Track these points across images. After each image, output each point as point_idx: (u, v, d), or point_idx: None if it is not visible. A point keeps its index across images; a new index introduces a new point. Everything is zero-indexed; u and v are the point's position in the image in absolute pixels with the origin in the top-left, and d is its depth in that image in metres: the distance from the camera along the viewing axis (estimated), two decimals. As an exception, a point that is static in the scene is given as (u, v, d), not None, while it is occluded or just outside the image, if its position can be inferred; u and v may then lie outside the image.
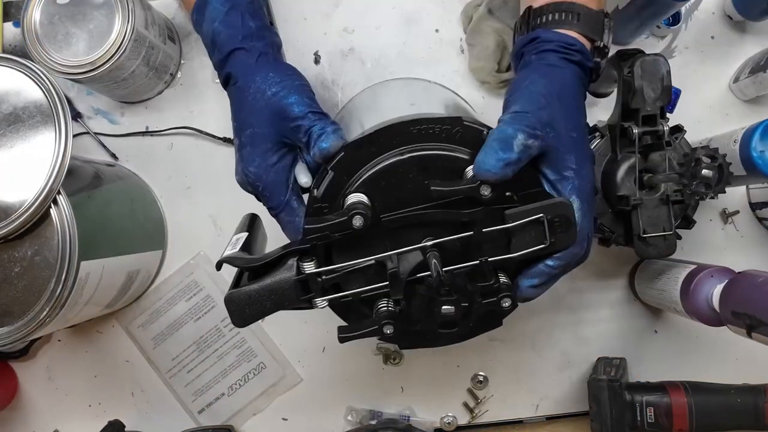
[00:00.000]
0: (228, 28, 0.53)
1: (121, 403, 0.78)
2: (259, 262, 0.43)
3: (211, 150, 0.78)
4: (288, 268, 0.43)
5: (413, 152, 0.44)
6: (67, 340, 0.78)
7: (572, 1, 0.51)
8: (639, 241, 0.59)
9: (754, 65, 0.70)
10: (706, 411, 0.63)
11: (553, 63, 0.49)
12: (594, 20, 0.51)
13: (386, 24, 0.78)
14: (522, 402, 0.76)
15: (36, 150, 0.57)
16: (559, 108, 0.46)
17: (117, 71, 0.68)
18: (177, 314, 0.77)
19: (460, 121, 0.44)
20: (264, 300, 0.43)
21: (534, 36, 0.50)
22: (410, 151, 0.44)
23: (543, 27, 0.51)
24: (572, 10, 0.50)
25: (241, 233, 0.49)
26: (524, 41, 0.51)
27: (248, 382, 0.77)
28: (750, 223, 0.75)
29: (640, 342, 0.75)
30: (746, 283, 0.54)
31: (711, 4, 0.76)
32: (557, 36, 0.50)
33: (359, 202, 0.43)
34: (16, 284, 0.57)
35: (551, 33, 0.50)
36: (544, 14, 0.51)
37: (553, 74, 0.48)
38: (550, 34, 0.50)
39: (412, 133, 0.44)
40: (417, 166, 0.44)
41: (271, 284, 0.43)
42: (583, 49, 0.50)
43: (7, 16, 0.80)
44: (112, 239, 0.65)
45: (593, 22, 0.51)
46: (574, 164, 0.46)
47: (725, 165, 0.56)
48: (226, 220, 0.77)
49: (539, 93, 0.46)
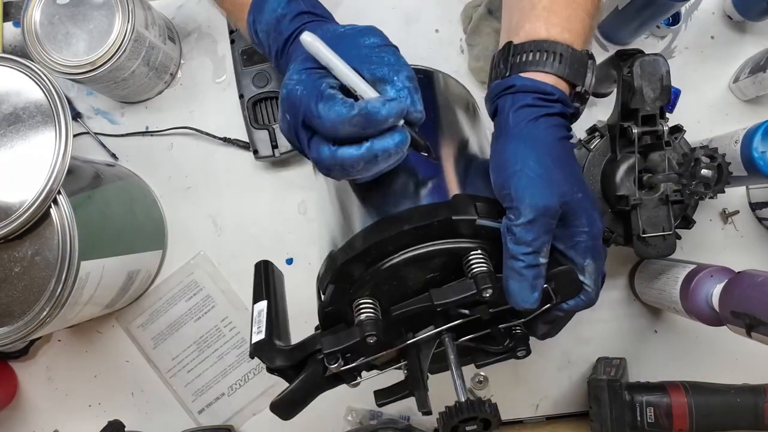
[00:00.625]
0: (292, 11, 0.51)
1: (121, 403, 0.78)
2: (289, 363, 0.46)
3: (211, 150, 0.78)
4: (317, 363, 0.46)
5: (410, 253, 0.44)
6: (67, 340, 0.78)
7: (555, 39, 0.48)
8: (638, 241, 0.59)
9: (754, 65, 0.70)
10: (706, 411, 0.63)
11: (536, 125, 0.46)
12: (577, 62, 0.48)
13: (386, 24, 0.77)
14: (522, 402, 0.76)
15: (36, 150, 0.57)
16: (560, 177, 0.44)
17: (117, 71, 0.68)
18: (177, 314, 0.77)
19: (450, 221, 0.43)
20: (302, 396, 0.47)
21: (510, 84, 0.47)
22: (406, 253, 0.44)
23: (521, 67, 0.48)
24: (554, 50, 0.47)
25: (260, 302, 0.50)
26: (500, 88, 0.48)
27: (248, 382, 0.77)
28: (750, 223, 0.75)
29: (640, 342, 0.75)
30: (746, 283, 0.54)
31: (711, 4, 0.76)
32: (534, 85, 0.47)
33: (368, 318, 0.43)
34: (16, 284, 0.57)
35: (528, 81, 0.47)
36: (524, 53, 0.48)
37: (539, 140, 0.45)
38: (527, 82, 0.47)
39: (406, 237, 0.44)
40: (415, 265, 0.44)
41: (304, 383, 0.46)
42: (562, 97, 0.47)
43: (7, 16, 0.80)
44: (112, 239, 0.65)
45: (576, 65, 0.48)
46: (585, 226, 0.45)
47: (724, 165, 0.56)
48: (226, 220, 0.77)
49: (537, 175, 0.44)
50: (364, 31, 0.46)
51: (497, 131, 0.48)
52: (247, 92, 0.74)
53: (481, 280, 0.42)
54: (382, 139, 0.42)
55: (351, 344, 0.44)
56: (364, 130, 0.41)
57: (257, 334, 0.47)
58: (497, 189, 0.45)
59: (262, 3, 0.53)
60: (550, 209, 0.43)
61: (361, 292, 0.45)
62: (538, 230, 0.43)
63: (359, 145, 0.42)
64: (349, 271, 0.44)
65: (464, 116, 0.56)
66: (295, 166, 0.77)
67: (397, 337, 0.47)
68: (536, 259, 0.43)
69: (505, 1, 0.55)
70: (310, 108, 0.42)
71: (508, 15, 0.52)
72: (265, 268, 0.53)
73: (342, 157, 0.42)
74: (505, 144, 0.46)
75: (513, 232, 0.43)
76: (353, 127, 0.41)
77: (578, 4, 0.49)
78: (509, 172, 0.44)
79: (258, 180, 0.77)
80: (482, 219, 0.44)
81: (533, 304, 0.43)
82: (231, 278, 0.77)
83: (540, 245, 0.43)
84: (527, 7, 0.49)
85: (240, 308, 0.77)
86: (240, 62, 0.75)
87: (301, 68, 0.44)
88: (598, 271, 0.46)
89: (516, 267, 0.43)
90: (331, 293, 0.45)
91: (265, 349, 0.46)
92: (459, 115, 0.56)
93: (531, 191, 0.43)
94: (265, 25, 0.53)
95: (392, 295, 0.46)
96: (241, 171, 0.77)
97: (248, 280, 0.77)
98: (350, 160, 0.42)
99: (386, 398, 0.51)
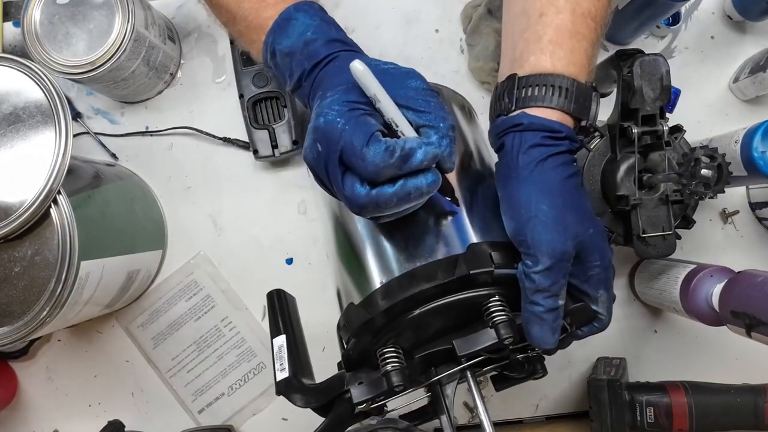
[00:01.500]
0: (323, 36, 0.49)
1: (121, 403, 0.78)
2: (318, 404, 0.48)
3: (211, 150, 0.78)
4: (345, 402, 0.47)
5: (429, 306, 0.45)
6: (67, 340, 0.78)
7: (561, 73, 0.47)
8: (638, 241, 0.59)
9: (754, 65, 0.70)
10: (706, 411, 0.63)
11: (544, 165, 0.46)
12: (582, 96, 0.48)
13: (386, 24, 0.78)
14: (522, 402, 0.76)
15: (36, 150, 0.57)
16: (572, 219, 0.45)
17: (117, 71, 0.68)
18: (177, 314, 0.77)
19: (468, 277, 0.44)
20: (333, 428, 0.48)
21: (517, 122, 0.47)
22: (425, 306, 0.45)
23: (527, 102, 0.47)
24: (560, 84, 0.47)
25: (278, 337, 0.51)
26: (506, 124, 0.48)
27: (248, 382, 0.77)
28: (750, 223, 0.75)
29: (640, 342, 0.75)
30: (745, 283, 0.54)
31: (711, 4, 0.76)
32: (542, 123, 0.46)
33: (394, 368, 0.45)
34: (16, 284, 0.57)
35: (536, 119, 0.47)
36: (530, 86, 0.47)
37: (549, 182, 0.45)
38: (535, 120, 0.47)
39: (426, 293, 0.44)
40: (435, 315, 0.45)
41: (332, 422, 0.48)
42: (570, 134, 0.47)
43: (7, 16, 0.80)
44: (112, 239, 0.65)
45: (582, 98, 0.47)
46: (598, 260, 0.46)
47: (724, 165, 0.56)
48: (226, 220, 0.77)
49: (550, 220, 0.44)
50: (410, 74, 0.46)
51: (505, 170, 0.47)
52: (247, 92, 0.74)
53: (503, 328, 0.44)
54: (415, 177, 0.42)
55: (382, 392, 0.46)
56: (400, 170, 0.41)
57: (281, 372, 0.49)
58: (512, 234, 0.46)
59: (286, 26, 0.51)
60: (566, 254, 0.44)
61: (383, 340, 0.46)
62: (556, 275, 0.44)
63: (392, 184, 0.42)
64: (370, 326, 0.46)
65: (467, 127, 0.56)
66: (295, 166, 0.77)
67: (420, 372, 0.49)
68: (555, 302, 0.44)
69: (506, 28, 0.54)
70: (353, 147, 0.41)
71: (511, 43, 0.52)
72: (278, 297, 0.54)
73: (377, 195, 0.42)
74: (517, 188, 0.46)
75: (532, 278, 0.44)
76: (393, 170, 0.41)
77: (582, 36, 0.49)
78: (524, 219, 0.44)
79: (258, 180, 0.77)
80: (499, 269, 0.45)
81: (554, 344, 0.44)
82: (231, 278, 0.77)
83: (558, 289, 0.44)
84: (532, 39, 0.49)
85: (240, 308, 0.77)
86: (240, 62, 0.75)
87: (344, 100, 0.43)
88: (610, 299, 0.48)
89: (536, 311, 0.44)
90: (353, 345, 0.47)
91: (293, 389, 0.48)
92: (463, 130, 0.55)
93: (547, 238, 0.43)
94: (288, 48, 0.50)
95: (414, 338, 0.47)
96: (241, 171, 0.77)
97: (248, 280, 0.78)
98: (384, 198, 0.42)
99: (412, 422, 0.52)
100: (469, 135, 0.55)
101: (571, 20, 0.48)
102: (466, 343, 0.45)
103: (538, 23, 0.49)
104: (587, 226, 0.46)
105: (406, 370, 0.45)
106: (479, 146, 0.55)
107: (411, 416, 0.53)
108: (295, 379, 0.48)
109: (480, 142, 0.56)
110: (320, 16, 0.51)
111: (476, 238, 0.47)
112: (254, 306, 0.77)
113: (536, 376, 0.52)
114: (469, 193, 0.49)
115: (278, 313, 0.53)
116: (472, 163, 0.53)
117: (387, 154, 0.40)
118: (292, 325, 0.52)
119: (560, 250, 0.43)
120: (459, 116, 0.56)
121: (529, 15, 0.50)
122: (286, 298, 0.55)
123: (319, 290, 0.74)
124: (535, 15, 0.49)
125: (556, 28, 0.48)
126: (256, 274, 0.77)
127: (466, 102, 0.59)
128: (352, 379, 0.47)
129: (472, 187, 0.50)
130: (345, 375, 0.48)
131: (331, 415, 0.47)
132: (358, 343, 0.46)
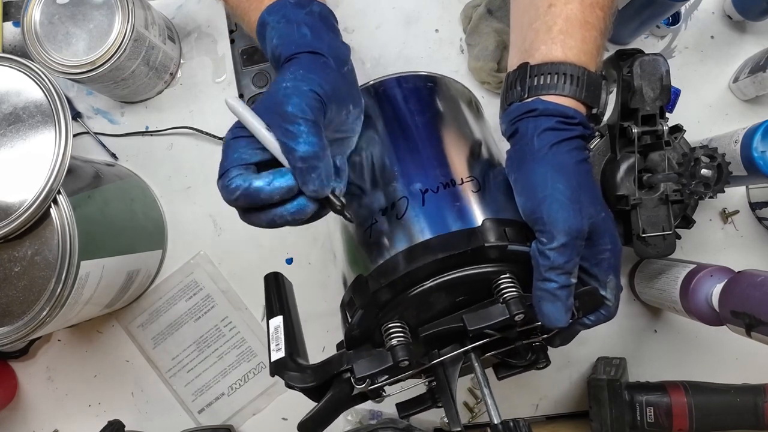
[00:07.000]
0: (283, 40, 0.49)
1: (121, 403, 0.78)
2: (315, 383, 0.46)
3: (211, 150, 0.78)
4: (343, 383, 0.46)
5: (440, 280, 0.45)
6: (67, 340, 0.78)
7: (572, 62, 0.48)
8: (638, 240, 0.59)
9: (754, 65, 0.70)
10: (706, 411, 0.63)
11: (559, 148, 0.46)
12: (593, 84, 0.48)
13: (386, 24, 0.78)
14: (522, 401, 0.76)
15: (36, 150, 0.57)
16: (586, 199, 0.45)
17: (117, 71, 0.68)
18: (177, 314, 0.77)
19: (483, 248, 0.44)
20: (328, 414, 0.47)
21: (532, 107, 0.48)
22: (437, 280, 0.45)
23: (540, 90, 0.48)
24: (572, 73, 0.48)
25: (275, 318, 0.50)
26: (520, 110, 0.48)
27: (248, 381, 0.77)
28: (750, 223, 0.75)
29: (640, 342, 0.75)
30: (745, 283, 0.54)
31: (711, 4, 0.76)
32: (556, 108, 0.47)
33: (400, 343, 0.44)
34: (16, 284, 0.57)
35: (550, 105, 0.47)
36: (542, 75, 0.48)
37: (564, 163, 0.46)
38: (549, 106, 0.47)
39: (438, 265, 0.44)
40: (444, 290, 0.45)
41: (330, 402, 0.46)
42: (582, 120, 0.48)
43: (7, 16, 0.80)
44: (112, 239, 0.65)
45: (592, 87, 0.48)
46: (609, 244, 0.46)
47: (724, 164, 0.56)
48: (226, 220, 0.77)
49: (566, 198, 0.44)
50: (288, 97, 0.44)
51: (519, 154, 0.48)
52: (247, 92, 0.74)
53: (514, 304, 0.43)
54: (281, 206, 0.43)
55: (386, 368, 0.45)
56: (251, 204, 0.42)
57: (276, 352, 0.48)
58: (527, 213, 0.46)
59: (262, 31, 0.51)
60: (581, 232, 0.44)
61: (389, 315, 0.46)
62: (571, 253, 0.44)
63: (260, 210, 0.43)
64: (380, 297, 0.45)
65: (473, 120, 0.56)
66: (295, 165, 0.77)
67: (424, 354, 0.48)
68: (568, 280, 0.44)
69: (515, 20, 0.54)
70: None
71: (520, 34, 0.52)
72: (275, 280, 0.53)
73: (249, 219, 0.43)
74: (532, 168, 0.46)
75: (546, 255, 0.44)
76: (242, 204, 0.42)
77: (591, 25, 0.49)
78: (539, 197, 0.45)
79: (258, 180, 0.77)
80: (513, 245, 0.45)
81: (566, 323, 0.44)
82: (231, 278, 0.77)
83: (572, 267, 0.44)
84: (542, 29, 0.49)
85: (240, 308, 0.77)
86: (240, 62, 0.75)
87: (236, 125, 0.44)
88: (618, 287, 0.48)
89: (550, 288, 0.44)
90: (359, 317, 0.46)
91: (288, 368, 0.47)
92: (470, 121, 0.56)
93: (564, 215, 0.44)
94: (269, 55, 0.51)
95: (419, 316, 0.46)
96: (241, 171, 0.77)
97: (248, 280, 0.78)
98: (256, 222, 0.43)
99: (409, 410, 0.51)
100: (477, 129, 0.55)
101: (580, 10, 0.49)
102: (476, 318, 0.44)
103: (547, 14, 0.49)
104: (599, 209, 0.46)
105: (412, 345, 0.44)
106: (488, 140, 0.55)
107: (409, 404, 0.52)
108: (290, 359, 0.47)
109: (488, 136, 0.56)
110: (286, 17, 0.49)
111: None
112: (254, 306, 0.77)
113: (539, 366, 0.52)
114: (481, 179, 0.49)
115: (275, 295, 0.52)
116: (482, 152, 0.53)
117: (228, 192, 0.41)
118: (289, 308, 0.52)
119: (576, 228, 0.44)
120: (466, 111, 0.56)
121: (537, 6, 0.50)
122: (284, 281, 0.54)
123: (319, 290, 0.74)
124: (543, 6, 0.50)
125: (565, 19, 0.49)
126: (256, 274, 0.76)
127: (473, 96, 0.59)
128: (353, 357, 0.46)
129: (484, 174, 0.50)
130: (346, 353, 0.47)
131: (328, 395, 0.46)
132: (365, 316, 0.46)
